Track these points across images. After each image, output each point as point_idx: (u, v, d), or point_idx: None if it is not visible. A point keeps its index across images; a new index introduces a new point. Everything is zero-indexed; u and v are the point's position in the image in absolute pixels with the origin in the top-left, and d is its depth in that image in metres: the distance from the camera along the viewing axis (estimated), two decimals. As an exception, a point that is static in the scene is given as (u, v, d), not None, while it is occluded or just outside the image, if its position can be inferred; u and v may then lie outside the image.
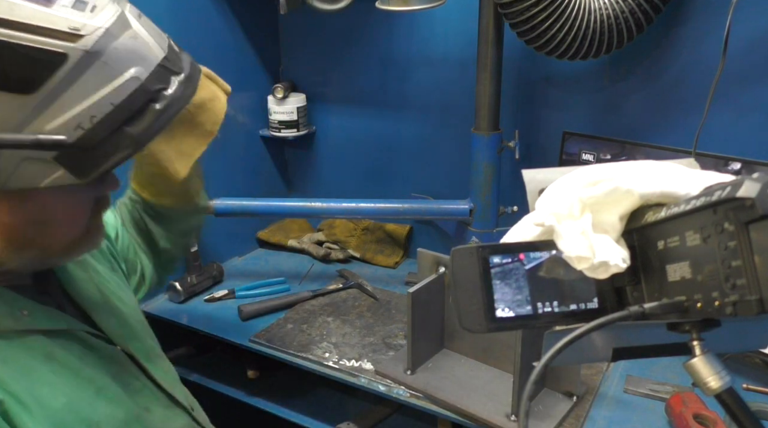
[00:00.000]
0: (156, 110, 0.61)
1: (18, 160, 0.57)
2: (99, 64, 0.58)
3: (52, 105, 0.56)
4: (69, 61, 0.56)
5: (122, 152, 0.61)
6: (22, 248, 0.66)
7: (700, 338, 0.43)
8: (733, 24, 1.04)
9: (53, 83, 0.56)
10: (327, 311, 1.46)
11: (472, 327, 0.47)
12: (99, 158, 0.60)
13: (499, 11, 1.21)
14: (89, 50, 0.57)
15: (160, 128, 0.62)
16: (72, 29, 0.56)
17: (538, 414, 1.08)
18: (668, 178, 0.45)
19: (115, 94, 0.59)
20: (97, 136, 0.58)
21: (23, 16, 0.55)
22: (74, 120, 0.57)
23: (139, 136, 0.61)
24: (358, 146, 1.79)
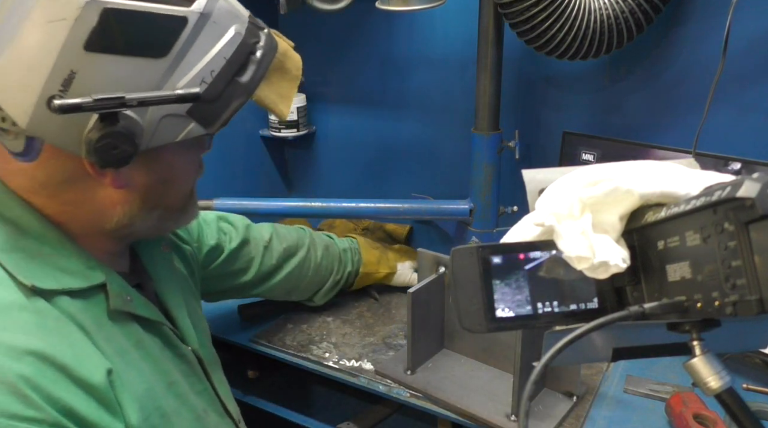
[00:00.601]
0: (256, 59, 0.71)
1: (159, 117, 0.66)
2: (210, 24, 0.66)
3: (180, 65, 0.65)
4: (189, 23, 0.64)
5: (238, 100, 0.71)
6: (152, 208, 0.75)
7: (700, 338, 0.43)
8: (733, 24, 1.04)
9: (179, 45, 0.64)
10: (327, 312, 1.46)
11: (472, 327, 0.47)
12: (220, 107, 0.70)
13: (499, 11, 1.21)
14: (203, 12, 0.65)
15: (262, 74, 0.73)
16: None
17: (538, 414, 1.08)
18: (668, 178, 0.45)
19: (225, 49, 0.68)
20: (216, 88, 0.68)
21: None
22: (198, 76, 0.66)
23: (247, 84, 0.71)
24: (358, 146, 1.79)
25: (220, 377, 0.95)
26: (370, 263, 1.41)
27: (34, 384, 0.61)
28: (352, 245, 1.41)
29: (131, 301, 0.77)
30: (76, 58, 0.59)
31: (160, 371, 0.78)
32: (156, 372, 0.77)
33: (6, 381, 0.59)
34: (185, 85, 0.65)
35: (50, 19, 0.58)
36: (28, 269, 0.67)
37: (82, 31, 0.58)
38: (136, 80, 0.63)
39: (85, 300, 0.71)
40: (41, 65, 0.59)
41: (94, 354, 0.68)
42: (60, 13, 0.58)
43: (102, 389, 0.66)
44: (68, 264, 0.71)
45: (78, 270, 0.71)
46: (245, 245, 1.20)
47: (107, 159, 0.63)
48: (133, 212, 0.73)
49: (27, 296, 0.66)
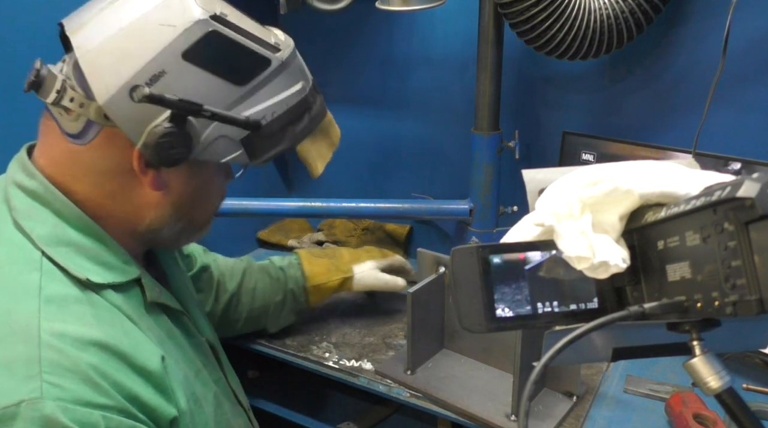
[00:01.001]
0: (311, 115, 0.79)
1: (217, 135, 0.71)
2: (286, 73, 0.75)
3: (252, 97, 0.72)
4: (271, 65, 0.73)
5: (284, 144, 0.77)
6: (180, 217, 0.78)
7: (700, 338, 0.43)
8: (733, 24, 1.04)
9: (257, 80, 0.72)
10: (327, 312, 1.46)
11: (472, 327, 0.47)
12: (269, 145, 0.76)
13: (499, 11, 1.21)
14: (284, 61, 0.74)
15: (310, 130, 0.80)
16: (275, 43, 0.75)
17: (538, 414, 1.08)
18: (668, 178, 0.45)
19: (290, 98, 0.76)
20: (272, 128, 0.75)
21: (249, 26, 0.73)
22: (262, 112, 0.73)
23: (297, 133, 0.78)
24: (358, 146, 1.79)
25: (230, 368, 0.99)
26: (317, 275, 1.27)
27: (103, 372, 0.64)
28: (292, 261, 1.29)
29: (161, 294, 0.81)
30: (172, 61, 0.66)
31: (189, 359, 0.83)
32: (186, 360, 0.82)
33: (78, 370, 0.62)
34: (250, 115, 0.72)
35: (162, 23, 0.66)
36: (78, 263, 0.70)
37: (185, 41, 0.66)
38: (212, 96, 0.69)
39: (125, 293, 0.75)
40: (140, 57, 0.66)
41: (147, 342, 0.72)
42: (173, 20, 0.66)
43: (158, 375, 0.70)
44: (108, 259, 0.74)
45: (117, 265, 0.75)
46: (209, 266, 1.18)
47: (161, 156, 0.68)
48: (164, 217, 0.77)
49: (81, 290, 0.69)
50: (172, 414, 0.71)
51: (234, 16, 0.71)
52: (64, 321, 0.64)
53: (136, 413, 0.66)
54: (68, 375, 0.61)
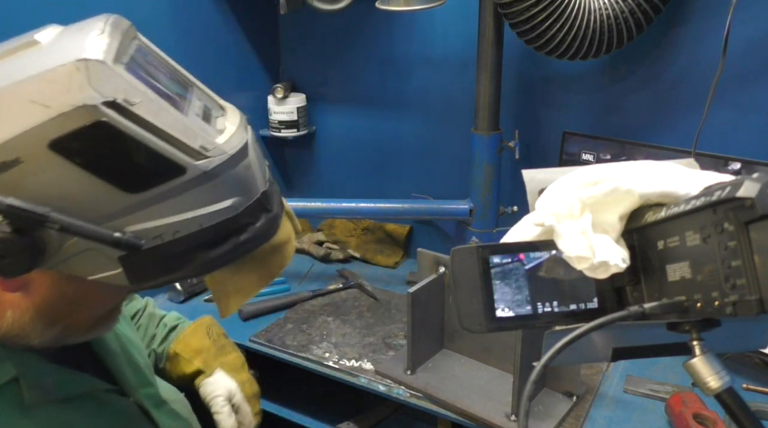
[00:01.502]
0: (238, 241, 0.59)
1: (84, 247, 0.54)
2: (209, 186, 0.56)
3: (147, 209, 0.54)
4: (184, 176, 0.54)
5: (185, 272, 0.58)
6: (49, 325, 0.63)
7: (700, 338, 0.43)
8: (733, 24, 1.04)
9: (159, 190, 0.54)
10: (327, 311, 1.46)
11: (472, 327, 0.47)
12: (161, 270, 0.57)
13: (499, 11, 1.21)
14: (207, 172, 0.55)
15: (232, 259, 0.60)
16: (201, 148, 0.55)
17: (538, 414, 1.08)
18: (668, 178, 0.45)
19: (207, 217, 0.56)
20: (170, 251, 0.56)
21: (166, 123, 0.53)
22: (158, 230, 0.55)
23: (209, 262, 0.58)
24: (358, 146, 1.79)
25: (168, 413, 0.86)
26: (187, 348, 1.06)
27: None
28: (175, 324, 1.10)
29: (51, 384, 0.68)
30: (33, 149, 0.50)
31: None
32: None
33: None
34: (136, 231, 0.54)
35: (34, 99, 0.50)
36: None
37: (58, 128, 0.50)
38: (84, 201, 0.52)
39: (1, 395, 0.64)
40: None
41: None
42: (48, 99, 0.50)
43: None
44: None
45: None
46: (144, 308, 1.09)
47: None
48: (24, 322, 0.61)
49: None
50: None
51: (149, 106, 0.52)
52: None
53: None
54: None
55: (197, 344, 1.06)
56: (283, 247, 0.68)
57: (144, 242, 0.54)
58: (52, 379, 0.68)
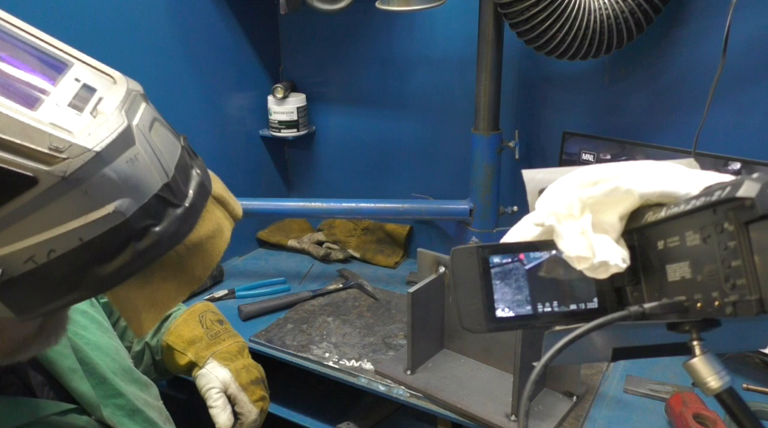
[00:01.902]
0: (136, 250, 0.49)
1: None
2: (76, 192, 0.45)
3: (5, 231, 0.45)
4: (38, 186, 0.44)
5: (78, 293, 0.49)
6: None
7: (700, 338, 0.43)
8: (733, 24, 1.04)
9: (10, 209, 0.44)
10: (327, 311, 1.46)
11: (472, 326, 0.47)
12: (49, 295, 0.48)
13: (499, 11, 1.21)
14: (67, 177, 0.45)
15: (133, 271, 0.50)
16: (52, 150, 0.44)
17: (538, 414, 1.08)
18: (668, 178, 0.45)
19: (87, 229, 0.46)
20: (51, 273, 0.47)
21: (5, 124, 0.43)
22: (27, 252, 0.46)
23: (104, 279, 0.49)
24: (358, 146, 1.79)
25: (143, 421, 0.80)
26: (179, 339, 1.01)
27: None
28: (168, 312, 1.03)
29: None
30: None
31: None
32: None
33: None
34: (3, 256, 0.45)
35: None
36: None
37: None
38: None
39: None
40: None
41: None
42: None
43: None
44: None
45: None
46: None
47: None
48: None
49: None
50: None
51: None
52: None
53: None
54: None
55: (189, 334, 1.01)
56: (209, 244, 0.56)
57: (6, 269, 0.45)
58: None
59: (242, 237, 1.86)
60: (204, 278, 0.56)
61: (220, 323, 1.07)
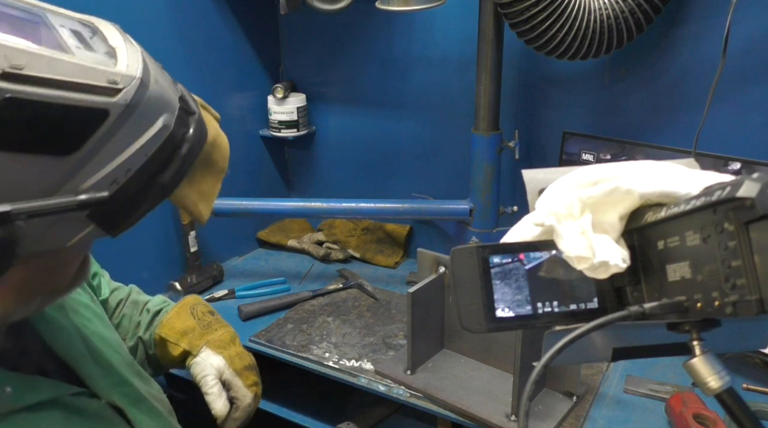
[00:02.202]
0: (182, 155, 0.59)
1: (50, 222, 0.53)
2: (135, 116, 0.54)
3: (90, 163, 0.52)
4: (110, 117, 0.52)
5: (151, 201, 0.58)
6: (31, 300, 0.63)
7: (700, 338, 0.43)
8: (733, 24, 1.04)
9: (94, 141, 0.52)
10: (327, 311, 1.46)
11: (472, 327, 0.47)
12: (129, 211, 0.57)
13: (499, 11, 1.21)
14: (128, 104, 0.53)
15: (185, 172, 0.60)
16: (110, 83, 0.52)
17: (538, 414, 1.08)
18: (668, 178, 0.45)
19: (148, 145, 0.55)
20: (129, 189, 0.55)
21: (64, 72, 0.49)
22: (111, 175, 0.54)
23: (167, 184, 0.58)
24: (358, 146, 1.79)
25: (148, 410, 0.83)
26: (172, 331, 1.04)
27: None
28: (159, 308, 1.09)
29: (10, 393, 0.66)
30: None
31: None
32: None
33: None
34: (92, 186, 0.53)
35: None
36: None
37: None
38: (30, 181, 0.50)
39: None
40: None
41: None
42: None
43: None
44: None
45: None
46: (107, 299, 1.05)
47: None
48: (7, 309, 0.61)
49: None
50: None
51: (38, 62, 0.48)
52: None
53: None
54: None
55: (181, 326, 1.05)
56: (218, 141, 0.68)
57: (107, 193, 0.54)
58: (11, 387, 0.65)
59: (242, 237, 1.86)
60: (226, 169, 0.69)
61: (211, 314, 1.11)
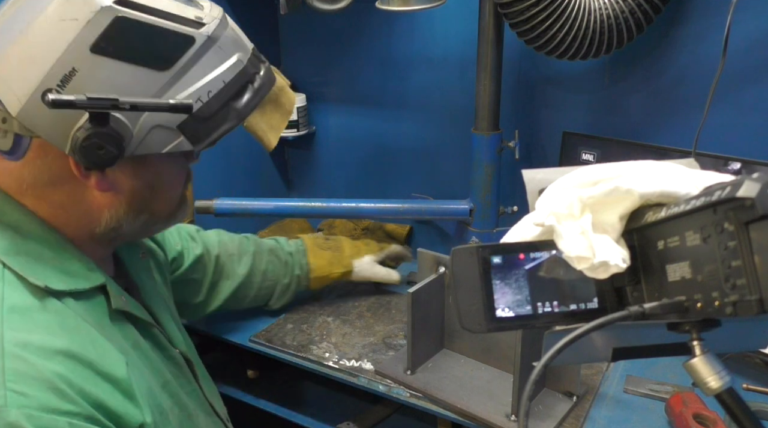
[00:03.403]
0: (254, 88, 0.73)
1: (150, 126, 0.67)
2: (215, 48, 0.69)
3: (180, 80, 0.67)
4: (195, 43, 0.67)
5: (230, 123, 0.72)
6: (139, 212, 0.76)
7: (700, 338, 0.43)
8: (733, 24, 1.04)
9: (183, 62, 0.67)
10: (327, 312, 1.46)
11: (472, 327, 0.47)
12: (211, 127, 0.71)
13: (499, 11, 1.21)
14: (210, 36, 0.68)
15: (256, 103, 0.74)
16: (197, 18, 0.68)
17: (538, 414, 1.08)
18: (668, 178, 0.45)
19: (226, 73, 0.70)
20: (211, 108, 0.70)
21: (162, 3, 0.66)
22: (196, 94, 0.68)
23: (241, 109, 0.72)
24: (358, 146, 1.79)
25: (206, 378, 0.98)
26: (319, 267, 1.36)
27: (68, 380, 0.64)
28: (299, 248, 1.36)
29: (127, 303, 0.79)
30: (80, 57, 0.62)
31: (155, 371, 0.81)
32: (152, 371, 0.80)
33: (43, 378, 0.62)
34: (183, 99, 0.67)
35: (63, 18, 0.61)
36: (37, 272, 0.69)
37: (91, 33, 0.62)
38: (134, 87, 0.64)
39: (87, 301, 0.73)
40: (45, 59, 0.62)
41: (112, 349, 0.71)
42: (74, 13, 0.61)
43: (125, 382, 0.70)
44: (70, 266, 0.73)
45: (79, 272, 0.73)
46: (202, 255, 1.20)
47: (92, 159, 0.65)
48: (119, 215, 0.74)
49: (40, 298, 0.68)
50: (138, 421, 0.70)
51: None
52: (28, 330, 0.65)
53: (102, 420, 0.66)
54: (33, 383, 0.62)
55: (324, 261, 1.36)
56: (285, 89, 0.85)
57: (190, 101, 0.66)
58: (126, 299, 0.79)
59: (242, 237, 1.86)
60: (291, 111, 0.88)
61: (325, 238, 1.44)
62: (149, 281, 0.93)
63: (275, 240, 1.37)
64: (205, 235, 1.24)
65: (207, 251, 1.21)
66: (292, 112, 0.86)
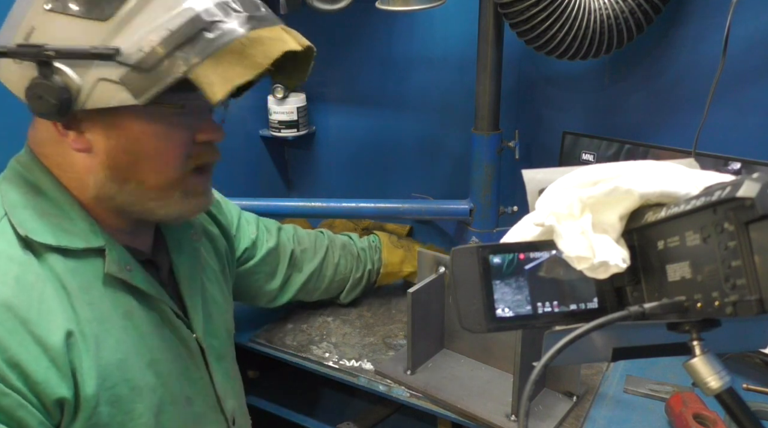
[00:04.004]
0: (206, 38, 0.68)
1: (94, 80, 0.67)
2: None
3: (123, 30, 0.66)
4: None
5: (172, 75, 0.66)
6: (122, 181, 0.75)
7: (700, 338, 0.43)
8: (732, 24, 1.04)
9: (124, 11, 0.66)
10: (327, 312, 1.46)
11: (472, 327, 0.47)
12: (153, 80, 0.66)
13: (499, 11, 1.21)
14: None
15: (207, 54, 0.68)
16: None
17: (538, 414, 1.08)
18: (668, 178, 0.45)
19: (171, 21, 0.66)
20: (153, 58, 0.66)
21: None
22: (137, 43, 0.66)
23: (188, 59, 0.67)
24: (358, 146, 1.79)
25: (225, 372, 0.96)
26: (392, 264, 1.42)
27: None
28: (372, 244, 1.42)
29: (130, 271, 0.78)
30: (38, 17, 0.67)
31: (144, 346, 0.80)
32: (138, 345, 0.79)
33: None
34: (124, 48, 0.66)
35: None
36: (29, 224, 0.72)
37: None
38: (80, 41, 0.66)
39: (79, 261, 0.75)
40: (16, 23, 0.68)
41: (62, 314, 0.70)
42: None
43: (55, 350, 0.69)
44: (71, 226, 0.75)
45: (80, 233, 0.75)
46: (276, 247, 1.24)
47: (35, 109, 0.67)
48: (99, 180, 0.74)
49: (23, 250, 0.71)
50: (59, 394, 0.69)
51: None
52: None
53: (11, 379, 0.66)
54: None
55: (397, 259, 1.42)
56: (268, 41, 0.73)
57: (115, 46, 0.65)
58: (131, 268, 0.79)
59: (242, 237, 1.86)
60: (265, 64, 0.72)
61: (399, 238, 1.49)
62: (191, 262, 0.92)
63: (348, 236, 1.43)
64: (282, 229, 1.28)
65: (282, 244, 1.25)
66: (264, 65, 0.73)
